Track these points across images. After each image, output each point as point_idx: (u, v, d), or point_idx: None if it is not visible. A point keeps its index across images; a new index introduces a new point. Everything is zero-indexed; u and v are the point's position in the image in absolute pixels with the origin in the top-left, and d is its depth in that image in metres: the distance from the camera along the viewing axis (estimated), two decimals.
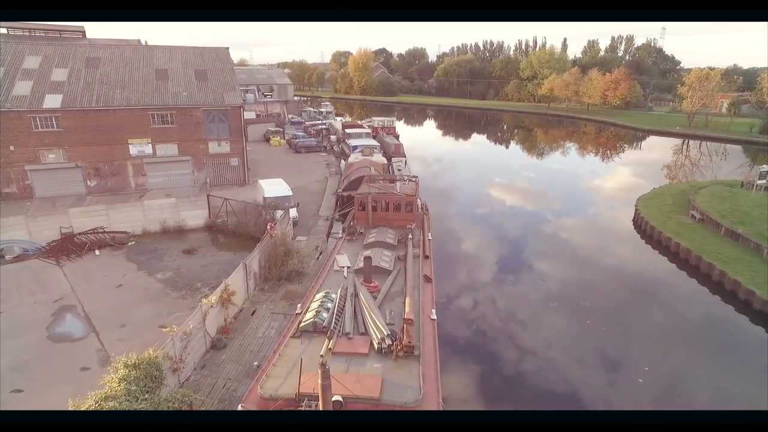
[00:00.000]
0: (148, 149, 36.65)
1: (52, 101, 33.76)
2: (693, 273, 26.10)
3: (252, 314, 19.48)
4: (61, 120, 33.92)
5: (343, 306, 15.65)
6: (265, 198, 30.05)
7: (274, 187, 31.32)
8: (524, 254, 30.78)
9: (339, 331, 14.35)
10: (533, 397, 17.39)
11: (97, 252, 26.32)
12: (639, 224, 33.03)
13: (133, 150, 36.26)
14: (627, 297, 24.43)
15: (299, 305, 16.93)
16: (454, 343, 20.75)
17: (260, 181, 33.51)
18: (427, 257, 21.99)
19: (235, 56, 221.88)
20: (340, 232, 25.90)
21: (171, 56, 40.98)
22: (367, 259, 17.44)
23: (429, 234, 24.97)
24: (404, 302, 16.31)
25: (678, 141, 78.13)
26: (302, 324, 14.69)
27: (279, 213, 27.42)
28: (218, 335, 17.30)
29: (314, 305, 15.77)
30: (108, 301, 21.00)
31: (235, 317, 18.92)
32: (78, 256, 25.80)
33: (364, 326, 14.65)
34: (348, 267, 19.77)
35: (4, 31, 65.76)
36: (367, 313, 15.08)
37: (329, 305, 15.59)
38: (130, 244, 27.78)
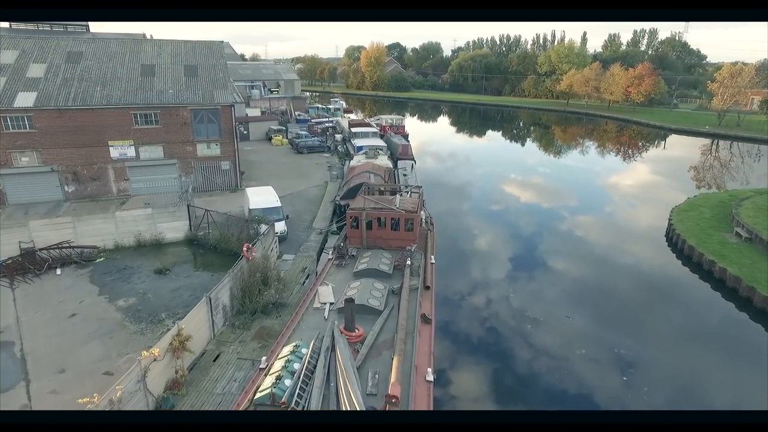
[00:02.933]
0: (131, 152, 33.71)
1: (25, 100, 30.96)
2: (743, 306, 22.15)
3: (215, 360, 16.29)
4: (34, 120, 31.12)
5: (314, 367, 12.36)
6: (250, 210, 26.90)
7: (260, 198, 28.08)
8: (539, 253, 29.94)
9: (302, 409, 11.05)
10: None
11: (58, 271, 23.41)
12: (674, 242, 29.05)
13: (114, 152, 33.36)
14: (668, 331, 20.76)
15: (264, 358, 13.73)
16: (466, 341, 20.47)
17: (247, 189, 30.32)
18: (428, 288, 18.60)
19: (249, 51, 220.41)
20: (331, 251, 22.61)
21: (160, 51, 37.99)
22: (349, 303, 14.06)
23: (432, 256, 21.53)
24: (393, 359, 13.00)
25: (706, 141, 73.19)
26: (257, 396, 11.44)
27: (263, 228, 24.25)
28: (166, 393, 14.13)
29: (278, 365, 12.51)
30: (54, 337, 18.01)
31: (191, 367, 15.70)
32: (36, 275, 22.93)
33: (336, 400, 11.34)
34: (330, 304, 16.49)
35: (6, 25, 63.86)
36: (341, 380, 11.76)
37: (296, 366, 12.32)
38: (98, 260, 24.86)
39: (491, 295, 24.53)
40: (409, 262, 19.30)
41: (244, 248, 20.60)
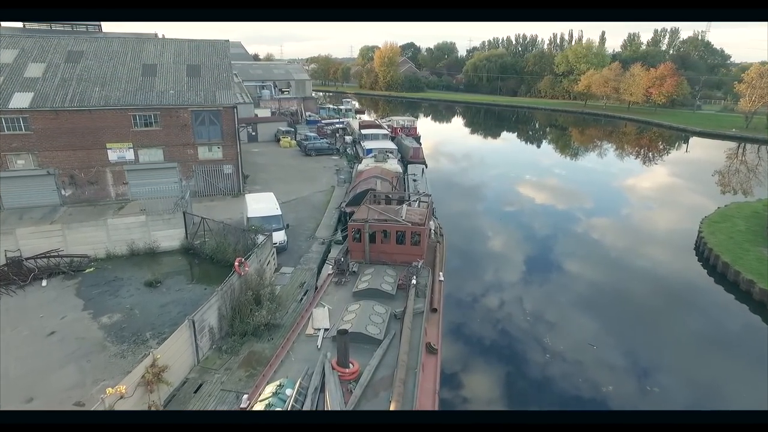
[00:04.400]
0: (130, 155, 32.48)
1: (20, 100, 29.89)
2: None
3: (196, 391, 14.71)
4: (30, 121, 30.03)
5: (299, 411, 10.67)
6: (248, 219, 25.37)
7: (259, 205, 26.52)
8: (555, 257, 29.16)
9: None
10: None
11: (44, 282, 22.11)
12: (705, 256, 26.78)
13: (113, 155, 32.16)
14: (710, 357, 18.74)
15: (245, 396, 12.08)
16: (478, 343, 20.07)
17: (247, 196, 28.84)
18: (435, 311, 16.83)
19: (264, 51, 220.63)
20: (331, 266, 20.90)
21: (163, 50, 36.76)
22: (342, 335, 12.34)
23: (441, 273, 19.73)
24: (390, 402, 11.27)
25: (732, 144, 70.03)
26: None
27: (260, 238, 22.68)
28: None
29: (258, 409, 10.86)
30: (28, 358, 16.63)
31: (168, 400, 14.12)
32: (20, 287, 21.65)
33: None
34: (325, 330, 14.81)
35: (20, 25, 63.60)
36: None
37: (279, 410, 10.66)
38: (88, 270, 23.53)
39: (504, 297, 24.12)
40: (414, 281, 17.54)
41: (236, 262, 19.03)
